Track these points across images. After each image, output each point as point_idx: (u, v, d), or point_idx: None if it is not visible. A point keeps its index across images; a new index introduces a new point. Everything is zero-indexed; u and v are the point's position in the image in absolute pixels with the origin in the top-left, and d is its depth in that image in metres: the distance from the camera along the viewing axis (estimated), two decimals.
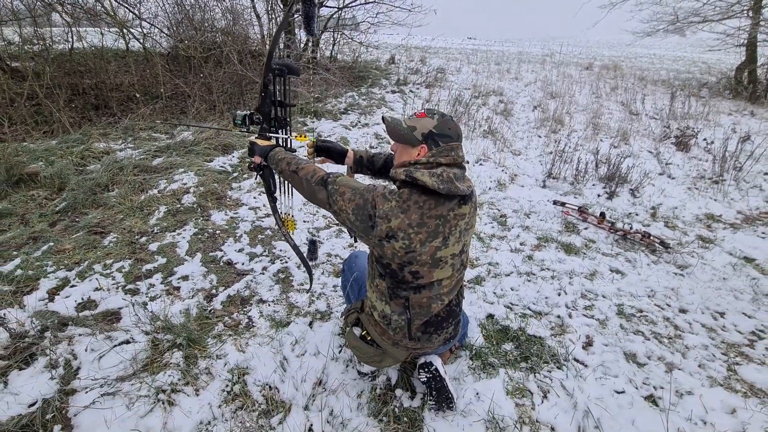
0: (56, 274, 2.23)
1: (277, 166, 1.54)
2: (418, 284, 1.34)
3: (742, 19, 8.73)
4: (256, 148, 1.64)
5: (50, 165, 3.32)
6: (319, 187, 1.37)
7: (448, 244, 1.31)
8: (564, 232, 3.13)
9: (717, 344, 2.06)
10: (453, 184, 1.24)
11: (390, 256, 1.30)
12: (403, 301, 1.38)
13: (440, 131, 1.29)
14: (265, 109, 1.70)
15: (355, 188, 1.31)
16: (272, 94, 1.69)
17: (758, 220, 3.51)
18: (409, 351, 1.51)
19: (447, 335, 1.51)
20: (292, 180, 1.48)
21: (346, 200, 1.30)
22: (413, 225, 1.25)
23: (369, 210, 1.26)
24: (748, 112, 6.99)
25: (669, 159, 4.73)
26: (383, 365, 1.56)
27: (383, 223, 1.25)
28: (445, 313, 1.44)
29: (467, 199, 1.33)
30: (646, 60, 14.49)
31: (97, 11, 5.64)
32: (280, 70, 1.68)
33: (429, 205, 1.25)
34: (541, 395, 1.69)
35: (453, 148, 1.30)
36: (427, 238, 1.27)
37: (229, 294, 2.20)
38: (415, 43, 13.45)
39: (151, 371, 1.66)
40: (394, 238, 1.25)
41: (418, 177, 1.23)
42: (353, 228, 1.33)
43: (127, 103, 5.10)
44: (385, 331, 1.47)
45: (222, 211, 3.02)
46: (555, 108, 6.25)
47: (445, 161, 1.28)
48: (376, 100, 6.12)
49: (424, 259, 1.29)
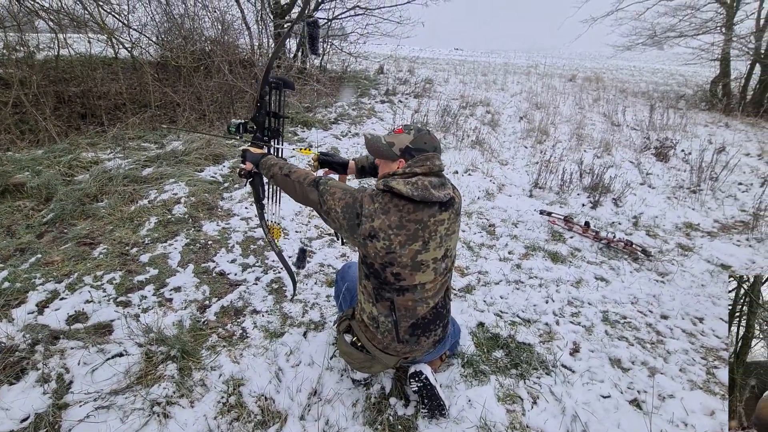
0: (45, 286, 2.21)
1: (269, 171, 1.61)
2: (401, 286, 1.40)
3: (715, 34, 9.14)
4: (248, 154, 1.72)
5: (37, 175, 3.28)
6: (311, 188, 1.45)
7: (429, 249, 1.37)
8: (550, 240, 3.22)
9: (697, 349, 2.15)
10: (428, 191, 1.30)
11: (372, 256, 1.37)
12: (389, 303, 1.43)
13: (416, 146, 1.37)
14: (260, 119, 1.79)
15: (346, 189, 1.41)
16: (267, 105, 1.78)
17: (733, 229, 3.67)
18: (399, 356, 1.54)
19: (435, 338, 1.54)
20: (284, 183, 1.55)
21: (336, 199, 1.39)
22: (392, 226, 1.32)
23: (357, 208, 1.35)
24: (723, 124, 7.29)
25: (649, 169, 4.91)
26: (373, 371, 1.60)
27: (367, 222, 1.33)
28: (432, 315, 1.48)
29: (447, 205, 1.38)
30: (627, 72, 14.99)
31: (84, 19, 5.60)
32: (276, 84, 1.77)
33: (408, 210, 1.32)
34: (531, 401, 1.74)
35: (428, 158, 1.37)
36: (406, 240, 1.33)
37: (223, 305, 2.20)
38: (404, 54, 13.65)
39: (145, 384, 1.66)
40: (376, 238, 1.33)
41: (393, 185, 1.31)
42: (340, 227, 1.40)
43: (115, 112, 5.06)
44: (375, 336, 1.51)
45: (214, 222, 3.02)
46: (540, 119, 6.42)
47: (421, 170, 1.35)
48: (365, 110, 6.20)
49: (404, 261, 1.35)
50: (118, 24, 5.92)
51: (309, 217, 3.27)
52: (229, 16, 6.34)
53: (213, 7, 6.02)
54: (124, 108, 5.05)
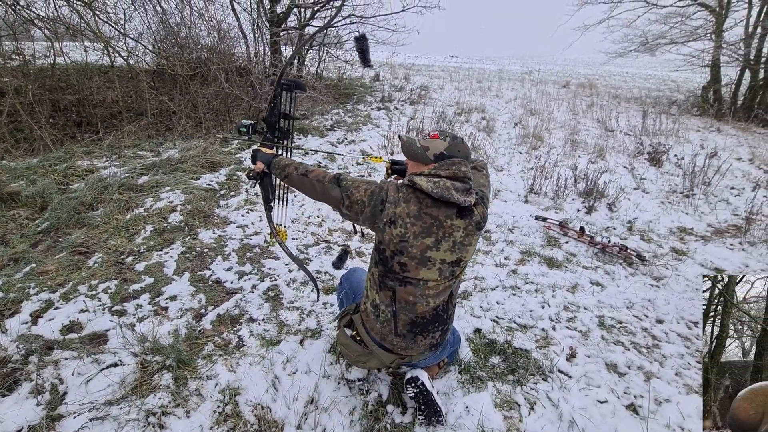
0: (39, 296, 2.19)
1: (284, 171, 1.65)
2: (405, 277, 1.43)
3: (705, 41, 9.29)
4: (259, 155, 1.74)
5: (32, 184, 3.27)
6: (332, 185, 1.50)
7: (440, 248, 1.39)
8: (546, 246, 3.24)
9: (692, 353, 2.16)
10: (448, 192, 1.34)
11: (387, 242, 1.42)
12: (390, 293, 1.46)
13: (450, 153, 1.41)
14: (272, 120, 1.80)
15: (369, 181, 1.50)
16: (279, 107, 1.81)
17: (726, 233, 3.71)
18: (395, 354, 1.55)
19: (433, 340, 1.54)
20: (300, 182, 1.59)
21: (362, 191, 1.45)
22: (411, 215, 1.38)
23: (383, 195, 1.43)
24: (715, 129, 7.38)
25: (643, 174, 4.96)
26: (369, 366, 1.62)
27: (391, 207, 1.40)
28: (431, 316, 1.49)
29: (465, 213, 1.39)
30: (620, 78, 15.17)
31: (81, 28, 5.62)
32: (289, 85, 1.79)
33: (426, 203, 1.38)
34: (528, 407, 1.74)
35: (455, 163, 1.40)
36: (420, 232, 1.37)
37: (219, 313, 2.20)
38: (400, 61, 13.77)
39: (141, 394, 1.64)
40: (394, 224, 1.39)
41: (416, 181, 1.38)
42: (363, 216, 1.45)
43: (111, 120, 5.06)
44: (374, 325, 1.53)
45: (210, 230, 3.02)
46: (535, 125, 6.48)
47: (445, 174, 1.39)
48: (361, 117, 6.23)
49: (413, 252, 1.39)
50: (114, 32, 5.95)
51: (305, 224, 3.27)
52: (225, 25, 6.38)
53: (209, 15, 6.06)
54: (120, 116, 5.05)
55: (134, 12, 5.85)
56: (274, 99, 1.77)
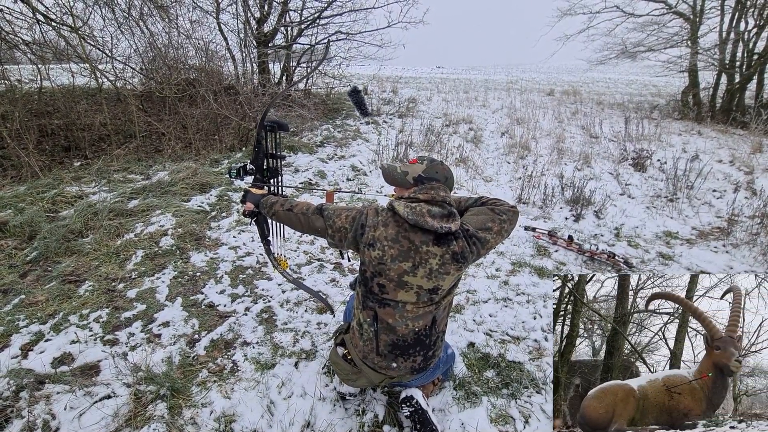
0: (29, 328, 2.16)
1: (271, 209, 1.73)
2: (383, 298, 1.47)
3: (682, 48, 9.59)
4: (248, 196, 1.83)
5: (19, 213, 3.24)
6: (315, 216, 1.58)
7: (417, 274, 1.42)
8: (536, 255, 3.28)
9: None
10: (422, 218, 1.38)
11: (367, 263, 1.48)
12: (372, 312, 1.51)
13: (428, 174, 1.48)
14: (258, 162, 1.91)
15: (350, 207, 1.57)
16: (265, 149, 1.91)
17: (710, 235, 3.80)
18: (381, 374, 1.57)
19: (414, 364, 1.55)
20: (287, 218, 1.66)
21: (343, 218, 1.53)
22: (389, 238, 1.43)
23: (362, 220, 1.50)
24: (696, 132, 7.58)
25: (628, 180, 5.06)
26: (358, 384, 1.67)
27: (370, 231, 1.47)
28: (412, 339, 1.50)
29: (441, 240, 1.41)
30: (603, 84, 15.53)
31: (67, 53, 5.63)
32: (272, 126, 1.90)
33: (405, 227, 1.44)
34: (523, 420, 1.76)
35: (433, 187, 1.45)
36: (398, 255, 1.42)
37: (212, 338, 2.19)
38: (387, 74, 13.95)
39: (135, 426, 1.63)
40: (373, 247, 1.45)
41: (395, 205, 1.44)
42: (346, 241, 1.52)
43: (100, 144, 5.06)
44: (358, 343, 1.58)
45: (201, 252, 3.02)
46: (521, 134, 6.60)
47: (423, 197, 1.44)
48: (351, 131, 6.30)
49: (391, 275, 1.43)
50: (102, 56, 5.97)
51: (297, 243, 3.29)
52: (213, 45, 6.45)
53: (197, 36, 6.12)
54: (108, 139, 5.04)
55: (121, 36, 5.89)
56: (257, 143, 1.87)
